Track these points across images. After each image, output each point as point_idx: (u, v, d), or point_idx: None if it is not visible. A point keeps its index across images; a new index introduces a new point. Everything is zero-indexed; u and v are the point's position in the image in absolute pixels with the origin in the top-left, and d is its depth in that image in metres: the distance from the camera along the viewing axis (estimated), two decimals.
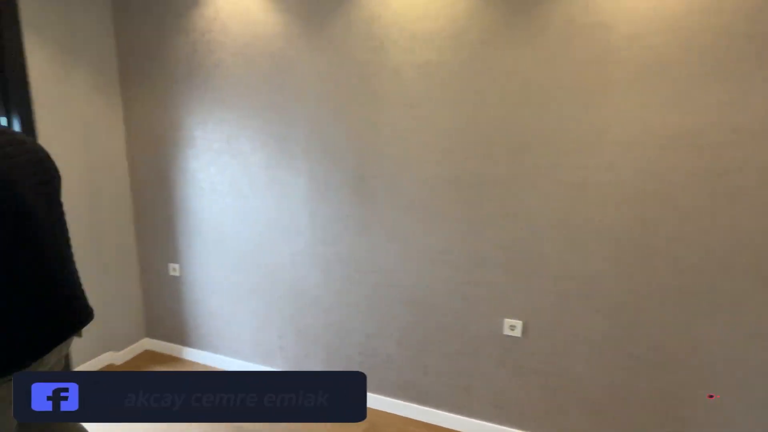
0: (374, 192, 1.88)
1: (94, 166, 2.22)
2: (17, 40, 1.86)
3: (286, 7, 1.87)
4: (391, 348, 2.00)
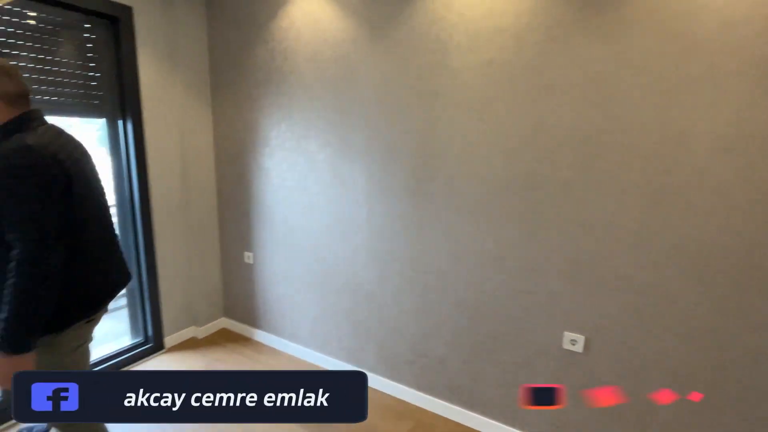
0: (431, 193, 1.88)
1: (188, 163, 2.53)
2: (132, 55, 2.20)
3: (353, 14, 1.95)
4: (443, 350, 1.99)
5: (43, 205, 1.08)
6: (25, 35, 1.87)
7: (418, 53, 1.81)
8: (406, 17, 1.81)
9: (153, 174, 2.37)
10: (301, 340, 2.53)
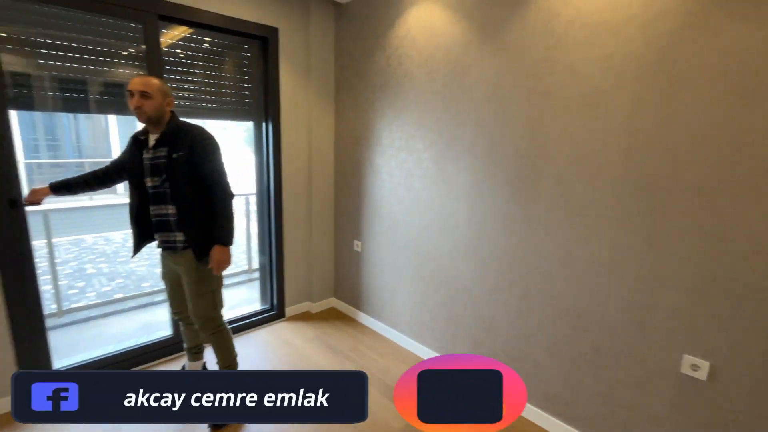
0: (537, 193, 1.85)
1: (313, 159, 2.90)
2: (276, 68, 2.62)
3: (466, 19, 2.02)
4: (540, 356, 1.94)
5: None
6: (199, 56, 2.39)
7: (530, 51, 1.79)
8: (518, 17, 1.81)
9: (285, 168, 2.79)
10: (399, 326, 2.70)
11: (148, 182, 1.78)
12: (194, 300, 1.86)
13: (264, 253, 2.95)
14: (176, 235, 1.79)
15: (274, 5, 2.53)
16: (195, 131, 1.75)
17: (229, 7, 2.35)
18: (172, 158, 1.71)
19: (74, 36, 1.94)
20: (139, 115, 1.69)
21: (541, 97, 1.78)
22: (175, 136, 1.73)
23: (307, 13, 2.69)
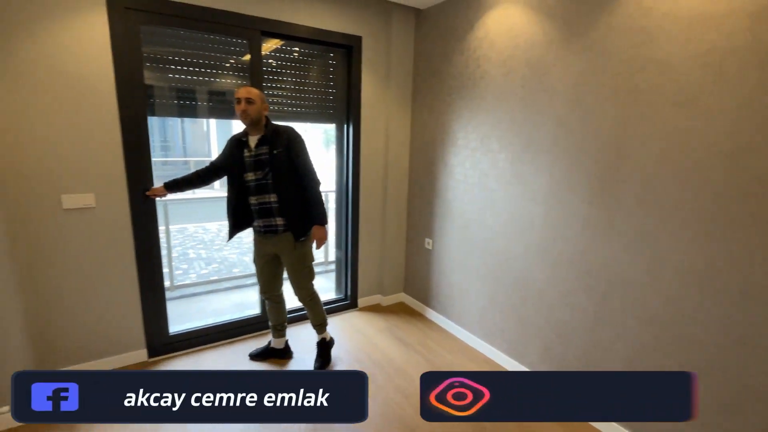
0: (620, 195, 1.77)
1: (389, 159, 3.05)
2: (358, 74, 2.81)
3: (549, 18, 2.00)
4: (620, 366, 1.85)
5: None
6: (289, 65, 2.66)
7: (617, 49, 1.73)
8: (606, 14, 1.76)
9: (363, 168, 2.97)
10: (467, 325, 2.73)
11: (250, 176, 2.07)
12: (295, 274, 2.22)
13: (340, 247, 3.17)
14: (277, 220, 2.11)
15: (358, 16, 2.72)
16: (290, 131, 2.08)
17: (318, 20, 2.57)
18: (273, 154, 2.03)
19: (190, 52, 2.29)
20: (243, 118, 2.00)
21: (628, 96, 1.71)
22: (275, 136, 2.05)
23: (388, 20, 2.83)
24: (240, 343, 2.65)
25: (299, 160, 2.06)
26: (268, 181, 2.06)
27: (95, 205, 2.10)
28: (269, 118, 2.10)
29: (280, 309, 2.40)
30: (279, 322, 2.42)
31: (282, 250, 2.18)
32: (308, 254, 2.22)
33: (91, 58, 1.97)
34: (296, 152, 2.05)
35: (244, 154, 2.08)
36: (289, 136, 2.05)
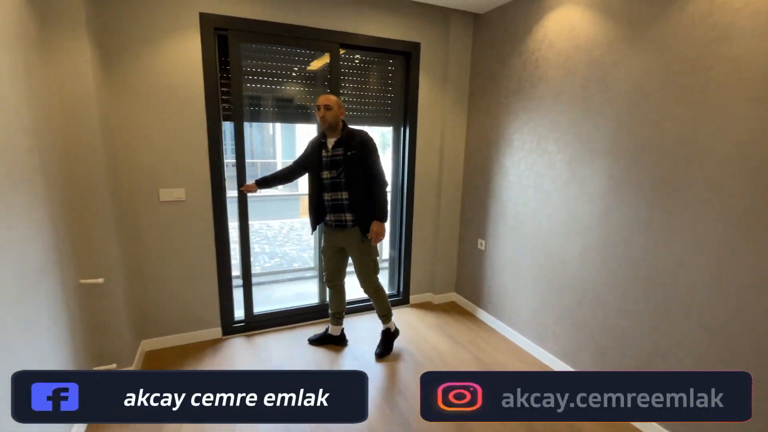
0: (686, 198, 1.71)
1: (444, 160, 3.13)
2: (416, 79, 2.92)
3: (611, 17, 1.97)
4: None
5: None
6: (351, 72, 2.83)
7: (686, 47, 1.68)
8: (674, 10, 1.71)
9: (418, 169, 3.08)
10: (518, 327, 2.72)
11: (325, 174, 2.31)
12: (360, 267, 2.39)
13: (393, 246, 3.30)
14: (347, 216, 2.32)
15: (417, 23, 2.84)
16: (363, 135, 2.28)
17: (381, 30, 2.73)
18: (347, 155, 2.23)
19: (274, 64, 2.55)
20: (322, 123, 2.24)
21: (696, 95, 1.65)
22: (349, 139, 2.25)
23: (446, 26, 2.92)
24: (299, 328, 2.87)
25: (369, 162, 2.23)
26: (341, 179, 2.26)
27: (185, 198, 2.42)
28: (346, 123, 2.30)
29: (341, 298, 2.61)
30: (338, 310, 2.62)
31: (349, 245, 2.38)
32: (373, 249, 2.39)
33: (186, 72, 2.29)
34: (366, 154, 2.23)
35: (322, 155, 2.30)
36: (362, 140, 2.24)
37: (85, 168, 1.94)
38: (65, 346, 1.77)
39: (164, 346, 2.55)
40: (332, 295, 2.60)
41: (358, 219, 2.30)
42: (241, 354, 2.53)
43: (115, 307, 2.13)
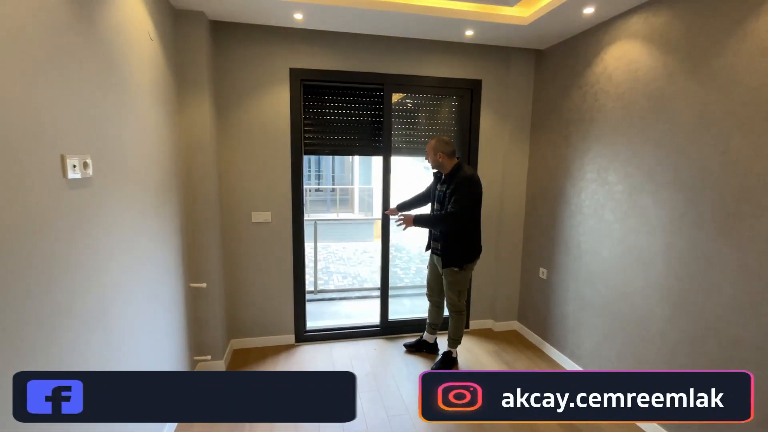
0: (753, 232, 1.62)
1: (506, 188, 3.21)
2: (477, 111, 3.10)
3: (671, 51, 1.98)
4: (754, 424, 1.63)
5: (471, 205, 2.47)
6: (419, 106, 3.10)
7: (746, 78, 1.64)
8: (734, 42, 1.69)
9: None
10: (581, 361, 2.63)
11: (435, 206, 2.67)
12: (447, 291, 2.67)
13: None
14: (439, 245, 2.62)
15: (478, 62, 3.04)
16: (459, 175, 2.48)
17: (443, 71, 2.98)
18: (446, 193, 2.51)
19: (338, 104, 2.94)
20: (431, 165, 2.63)
21: (761, 125, 1.59)
22: (450, 178, 2.52)
23: (508, 62, 3.07)
24: (361, 340, 3.12)
25: (452, 199, 2.44)
26: (438, 213, 2.58)
27: (271, 220, 2.86)
28: (461, 161, 2.55)
29: (438, 313, 2.93)
30: (434, 322, 2.96)
31: (442, 270, 2.66)
32: (459, 281, 2.61)
33: (276, 116, 2.77)
34: (452, 193, 2.45)
35: (436, 188, 2.66)
36: (458, 181, 2.46)
37: (201, 191, 2.46)
38: (177, 338, 2.23)
39: (247, 347, 2.97)
40: (430, 308, 2.94)
41: (443, 252, 2.58)
42: (312, 356, 2.84)
43: (213, 308, 2.59)
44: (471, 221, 2.51)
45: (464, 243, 2.54)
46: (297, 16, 2.46)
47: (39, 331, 1.07)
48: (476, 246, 2.61)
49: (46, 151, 1.11)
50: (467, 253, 2.56)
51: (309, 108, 2.87)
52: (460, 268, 2.56)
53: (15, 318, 0.98)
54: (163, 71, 2.07)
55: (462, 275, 2.59)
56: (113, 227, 1.50)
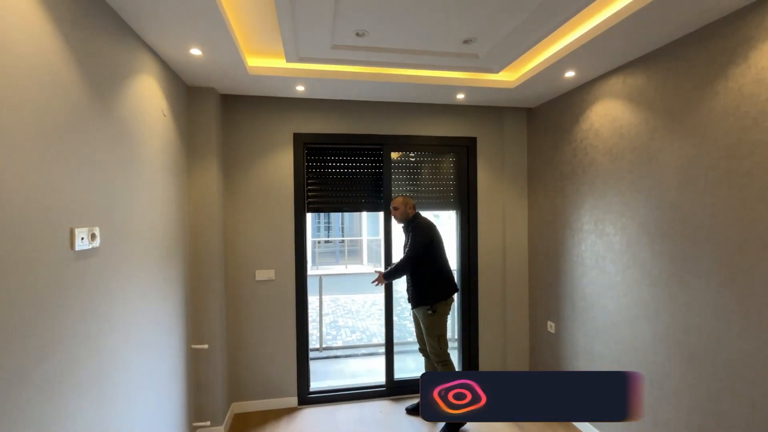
0: (752, 281, 1.60)
1: (507, 241, 3.23)
2: (474, 167, 3.21)
3: (649, 108, 2.08)
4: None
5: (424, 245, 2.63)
6: (417, 162, 3.23)
7: (723, 133, 1.71)
8: (705, 100, 1.78)
9: (481, 249, 3.22)
10: (597, 423, 2.48)
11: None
12: (427, 338, 2.68)
13: (462, 325, 3.34)
14: (408, 292, 2.74)
15: (473, 120, 3.20)
16: (414, 222, 2.72)
17: (439, 130, 3.14)
18: (406, 242, 2.73)
19: (339, 164, 3.08)
20: (396, 220, 2.80)
21: (742, 178, 1.63)
22: (407, 228, 2.76)
23: (500, 120, 3.23)
24: (366, 401, 3.00)
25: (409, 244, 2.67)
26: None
27: (274, 278, 2.91)
28: (418, 214, 2.78)
29: (431, 365, 2.84)
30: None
31: (418, 317, 2.75)
32: (435, 324, 2.64)
33: (280, 177, 2.91)
34: (409, 239, 2.68)
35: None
36: (413, 226, 2.70)
37: (206, 252, 2.54)
38: (177, 400, 2.20)
39: (249, 410, 2.88)
40: (425, 363, 2.89)
41: (409, 292, 2.73)
42: (315, 422, 2.73)
43: (215, 370, 2.56)
44: (428, 258, 2.64)
45: (429, 281, 2.63)
46: (299, 88, 2.67)
47: (32, 399, 1.09)
48: (445, 284, 2.67)
49: (57, 224, 1.20)
50: (435, 291, 2.63)
51: (312, 168, 3.02)
52: (432, 309, 2.61)
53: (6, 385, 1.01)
54: (173, 142, 2.24)
55: (437, 318, 2.63)
56: (117, 293, 1.56)
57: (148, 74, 1.90)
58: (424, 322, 2.66)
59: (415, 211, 2.79)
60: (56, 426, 1.17)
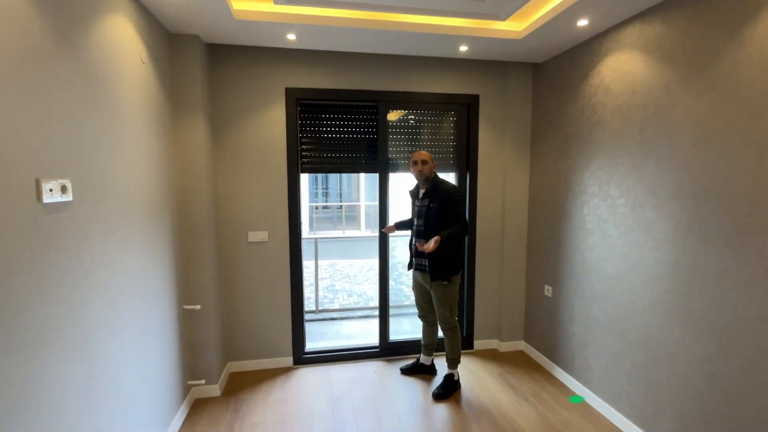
0: (759, 246, 1.53)
1: (506, 204, 3.14)
2: (476, 126, 3.07)
3: (665, 60, 1.93)
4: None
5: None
6: (417, 121, 3.09)
7: (747, 86, 1.58)
8: (730, 50, 1.63)
9: (480, 211, 3.14)
10: (590, 384, 2.50)
11: (416, 222, 2.61)
12: (437, 307, 2.60)
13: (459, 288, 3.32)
14: (425, 261, 2.57)
15: (475, 76, 3.02)
16: (446, 187, 2.49)
17: (440, 86, 2.97)
18: (429, 207, 2.50)
19: (334, 122, 2.94)
20: (419, 177, 2.55)
21: (762, 136, 1.52)
22: (434, 191, 2.51)
23: (505, 77, 3.05)
24: (361, 362, 3.03)
25: (452, 214, 2.43)
26: (422, 228, 2.53)
27: (268, 240, 2.84)
28: (437, 174, 2.57)
29: (432, 332, 2.84)
30: (430, 342, 2.86)
31: (431, 287, 2.59)
32: (449, 295, 2.56)
33: (273, 134, 2.77)
34: (451, 206, 2.44)
35: (415, 204, 2.64)
36: (445, 192, 2.47)
37: (194, 210, 2.45)
38: (170, 363, 2.18)
39: (244, 369, 2.90)
40: (424, 328, 2.85)
41: (431, 266, 2.51)
42: (309, 381, 2.75)
43: (208, 331, 2.55)
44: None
45: (453, 255, 2.52)
46: (290, 37, 2.49)
47: (5, 365, 1.03)
48: (461, 257, 2.63)
49: (21, 175, 1.10)
50: (455, 264, 2.54)
51: (306, 127, 2.88)
52: (448, 281, 2.52)
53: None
54: (156, 94, 2.09)
55: (451, 288, 2.55)
56: (96, 249, 1.48)
57: (122, 15, 1.73)
58: (438, 294, 2.55)
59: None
60: (34, 392, 1.13)
